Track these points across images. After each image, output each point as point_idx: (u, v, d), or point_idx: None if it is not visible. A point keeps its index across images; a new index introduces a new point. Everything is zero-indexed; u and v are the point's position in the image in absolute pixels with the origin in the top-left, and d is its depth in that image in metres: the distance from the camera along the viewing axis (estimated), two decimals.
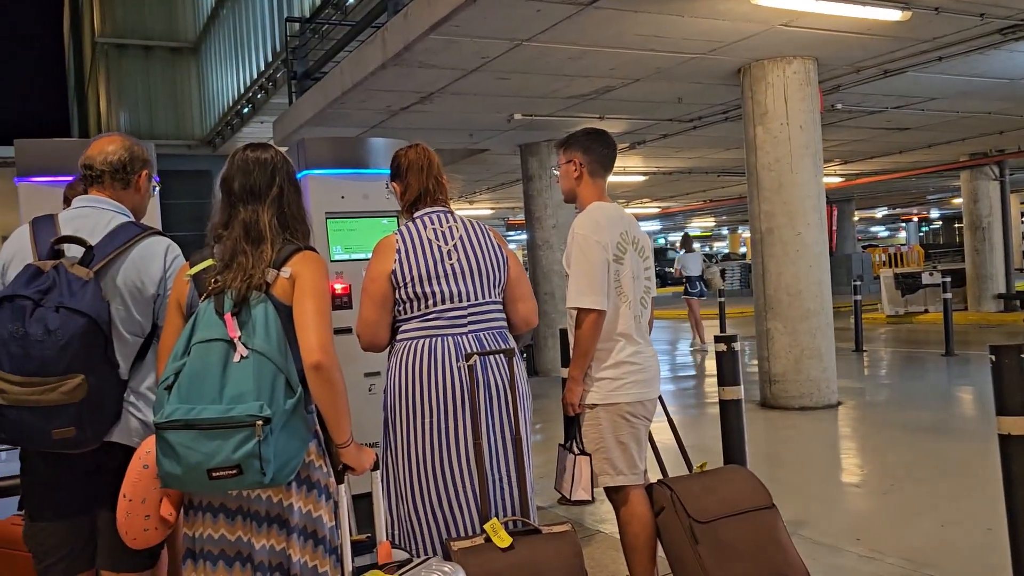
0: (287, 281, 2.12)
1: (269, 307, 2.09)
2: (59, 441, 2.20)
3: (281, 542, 2.10)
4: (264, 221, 2.18)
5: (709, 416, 7.31)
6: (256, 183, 2.22)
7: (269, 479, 1.95)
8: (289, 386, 2.03)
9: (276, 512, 2.09)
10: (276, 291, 2.11)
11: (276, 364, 2.02)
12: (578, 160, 3.17)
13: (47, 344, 2.13)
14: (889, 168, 17.16)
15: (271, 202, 2.21)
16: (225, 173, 2.26)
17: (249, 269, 2.11)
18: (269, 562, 2.09)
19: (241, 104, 15.52)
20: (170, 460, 1.96)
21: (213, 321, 2.07)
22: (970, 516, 4.31)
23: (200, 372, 2.00)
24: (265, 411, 1.94)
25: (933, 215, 43.42)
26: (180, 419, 1.94)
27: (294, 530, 2.09)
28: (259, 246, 2.15)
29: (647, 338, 3.18)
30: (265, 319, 2.07)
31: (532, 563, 2.54)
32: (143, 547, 2.25)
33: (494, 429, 2.76)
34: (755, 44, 7.01)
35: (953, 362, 10.01)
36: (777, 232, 7.55)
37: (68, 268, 2.23)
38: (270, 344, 2.04)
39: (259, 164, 2.24)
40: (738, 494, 3.03)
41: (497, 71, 7.30)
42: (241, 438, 1.92)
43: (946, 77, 8.64)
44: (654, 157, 13.63)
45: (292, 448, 2.03)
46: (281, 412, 1.99)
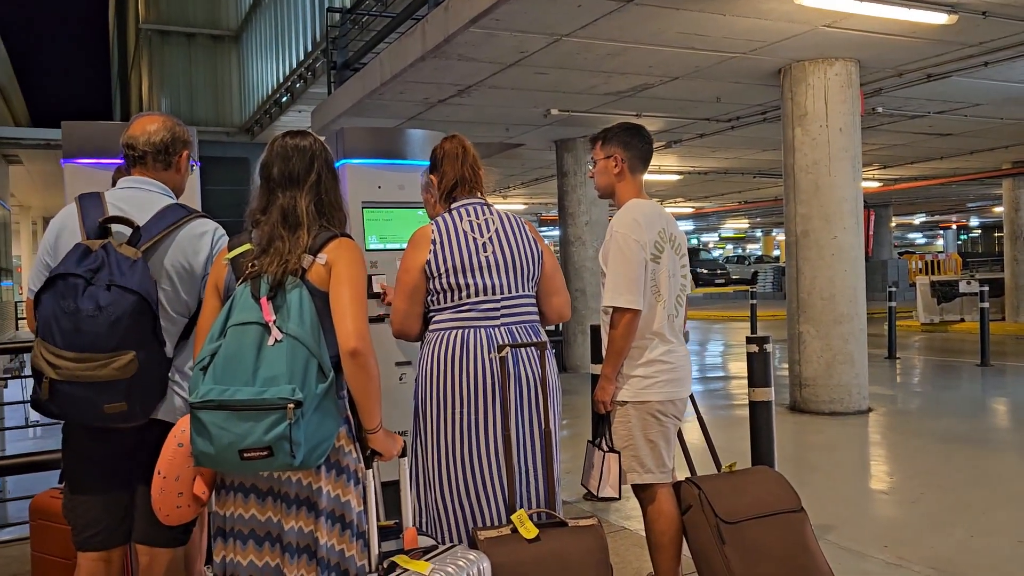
0: (323, 267, 2.15)
1: (304, 292, 2.12)
2: (110, 416, 2.25)
3: (309, 524, 2.13)
4: (302, 207, 2.21)
5: (738, 418, 7.28)
6: (295, 170, 2.25)
7: (299, 462, 1.98)
8: (321, 371, 2.06)
9: (306, 495, 2.13)
10: (312, 277, 2.15)
11: (309, 349, 2.05)
12: (619, 156, 3.14)
13: (99, 320, 2.19)
14: (928, 174, 16.89)
15: (309, 188, 2.24)
16: (264, 159, 2.30)
17: (285, 255, 2.15)
18: (297, 543, 2.13)
19: (280, 93, 15.67)
20: (203, 439, 2.00)
21: (249, 304, 2.11)
22: (1000, 527, 4.26)
23: (235, 354, 2.04)
24: (297, 394, 1.97)
25: (972, 223, 42.63)
26: (214, 399, 1.98)
27: (322, 513, 2.12)
28: (296, 232, 2.19)
29: (680, 337, 3.17)
30: (300, 304, 2.10)
31: (558, 555, 2.56)
32: (176, 523, 2.30)
33: (523, 422, 2.78)
34: (797, 44, 6.94)
35: (988, 372, 9.85)
36: (812, 235, 7.48)
37: (116, 248, 2.28)
38: (304, 329, 2.07)
39: (298, 151, 2.27)
40: (767, 496, 3.02)
41: (535, 66, 7.31)
42: (273, 420, 1.95)
43: (991, 83, 8.49)
44: (690, 156, 13.55)
45: (323, 432, 2.06)
46: (313, 396, 2.02)
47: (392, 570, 2.15)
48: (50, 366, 2.20)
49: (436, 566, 2.19)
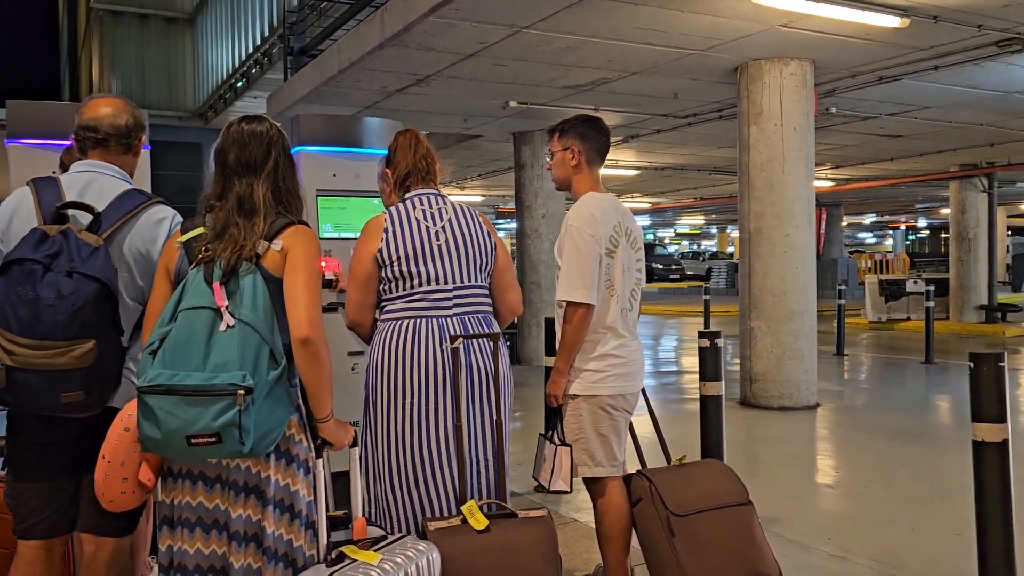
0: (278, 254, 2.13)
1: (258, 278, 2.10)
2: (67, 405, 2.21)
3: (257, 513, 2.11)
4: (259, 194, 2.19)
5: (689, 412, 7.35)
6: (252, 156, 2.23)
7: (248, 449, 1.96)
8: (273, 357, 2.04)
9: (254, 483, 2.10)
10: (266, 263, 2.13)
11: (261, 335, 2.03)
12: (576, 148, 3.13)
13: (59, 308, 2.14)
14: (879, 175, 17.26)
15: (266, 176, 2.23)
16: (220, 145, 2.26)
17: (241, 240, 2.12)
18: (245, 532, 2.10)
19: (235, 78, 15.39)
20: (150, 424, 1.96)
21: (201, 289, 2.08)
22: (941, 520, 4.37)
23: (185, 339, 2.01)
24: (248, 381, 1.95)
25: (920, 224, 43.68)
26: (163, 384, 1.95)
27: (270, 502, 2.09)
28: (252, 218, 2.17)
29: (633, 331, 3.18)
30: (253, 290, 2.08)
31: (507, 546, 2.56)
32: (119, 510, 2.25)
33: (474, 413, 2.77)
34: (754, 43, 7.02)
35: (932, 370, 10.10)
36: (766, 232, 7.59)
37: (77, 234, 2.23)
38: (256, 315, 2.05)
39: (255, 137, 2.25)
40: (716, 489, 3.05)
41: (495, 57, 7.28)
42: (222, 406, 1.93)
43: (941, 87, 8.69)
44: (647, 152, 13.65)
45: (273, 420, 2.04)
46: (264, 383, 2.00)
47: (340, 560, 2.14)
48: (5, 352, 2.14)
49: (385, 556, 2.19)
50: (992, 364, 2.69)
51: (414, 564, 2.21)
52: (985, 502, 2.74)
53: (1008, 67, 7.93)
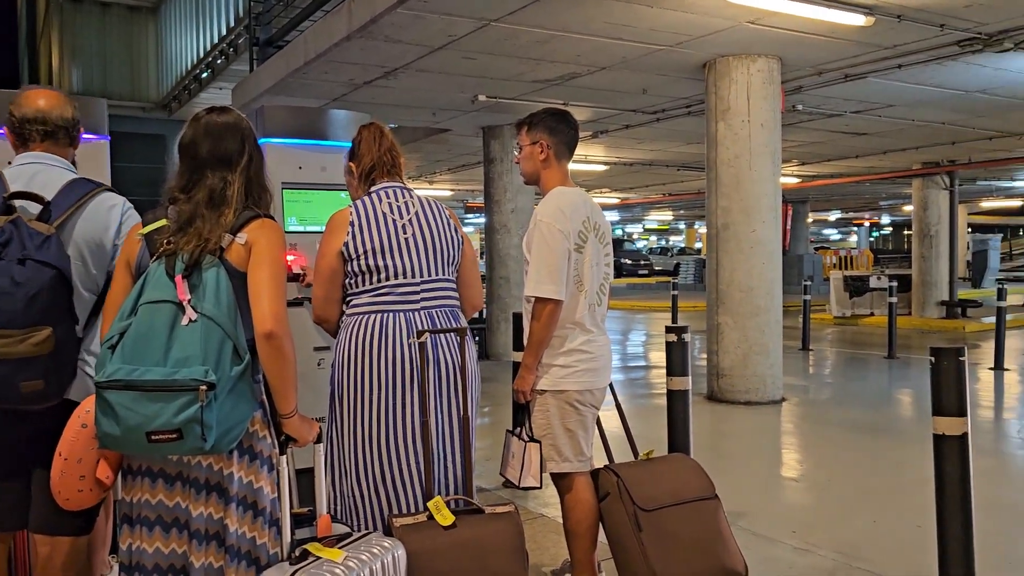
0: (242, 247, 2.10)
1: (221, 272, 2.06)
2: (27, 395, 2.16)
3: (219, 511, 2.07)
4: (232, 189, 2.16)
5: (656, 406, 7.39)
6: (227, 149, 2.19)
7: (210, 446, 1.92)
8: (237, 352, 2.01)
9: (216, 480, 2.07)
10: (230, 256, 2.09)
11: (224, 329, 2.00)
12: (545, 142, 3.10)
13: (15, 296, 2.10)
14: (844, 172, 17.48)
15: (241, 170, 2.19)
16: (190, 136, 2.21)
17: (205, 233, 2.09)
18: (206, 530, 2.06)
19: (200, 68, 15.17)
20: (109, 420, 1.92)
21: (163, 282, 2.04)
22: (902, 513, 4.43)
23: (146, 333, 1.97)
24: (210, 376, 1.91)
25: (884, 221, 44.37)
26: (122, 379, 1.91)
27: (233, 499, 2.06)
28: (220, 211, 2.13)
29: (601, 327, 3.18)
30: (217, 284, 2.04)
31: (473, 542, 2.55)
32: (76, 508, 2.21)
33: (441, 408, 2.75)
34: (722, 40, 7.06)
35: (895, 365, 10.26)
36: (733, 228, 7.64)
37: (27, 223, 2.19)
38: (220, 309, 2.01)
39: (228, 129, 2.21)
40: (683, 483, 3.06)
41: (463, 50, 7.25)
42: (183, 402, 1.89)
43: (904, 85, 8.81)
44: (616, 147, 13.68)
45: (236, 416, 2.00)
46: (227, 378, 1.96)
47: (305, 558, 2.11)
48: None
49: (350, 553, 2.16)
50: (953, 359, 2.72)
51: (379, 561, 2.19)
52: (945, 494, 2.78)
53: (969, 67, 8.06)
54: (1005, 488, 4.99)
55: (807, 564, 3.70)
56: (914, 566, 3.58)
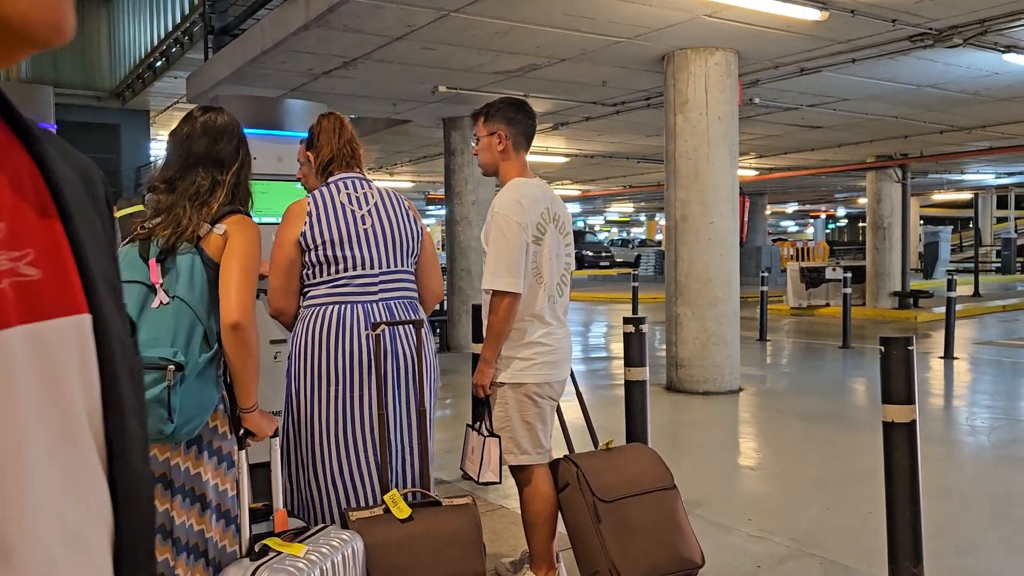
0: (220, 238, 2.11)
1: (197, 259, 2.07)
2: None
3: (165, 503, 2.05)
4: (221, 190, 2.19)
5: (616, 397, 7.44)
6: (222, 152, 2.23)
7: (171, 429, 1.90)
8: (207, 339, 2.01)
9: (161, 471, 2.04)
10: (207, 246, 2.10)
11: (196, 313, 2.00)
12: (503, 132, 3.07)
13: None
14: (801, 164, 17.74)
15: (233, 173, 2.23)
16: (186, 133, 2.23)
17: (184, 222, 2.10)
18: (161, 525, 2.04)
19: (154, 57, 14.88)
20: None
21: (136, 264, 2.04)
22: (854, 500, 4.52)
23: None
24: (179, 357, 1.91)
25: (840, 213, 45.13)
26: None
27: (179, 491, 2.05)
28: (204, 205, 2.15)
29: (561, 319, 3.16)
30: (191, 269, 2.04)
31: (430, 534, 2.54)
32: None
33: (399, 400, 2.74)
34: (679, 33, 7.10)
35: (849, 354, 10.46)
36: (691, 220, 7.71)
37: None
38: (193, 294, 2.01)
39: (226, 133, 2.25)
40: (642, 474, 3.08)
41: (423, 40, 7.20)
42: (149, 380, 1.87)
43: (857, 79, 8.96)
44: (576, 139, 13.72)
45: (199, 404, 1.99)
46: (195, 363, 1.96)
47: (265, 553, 2.08)
48: None
49: (310, 547, 2.15)
50: (901, 348, 2.78)
51: (339, 554, 2.19)
52: (894, 481, 2.84)
53: (920, 61, 8.22)
54: (954, 475, 5.12)
55: (762, 551, 3.76)
56: (865, 552, 3.66)
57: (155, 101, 15.98)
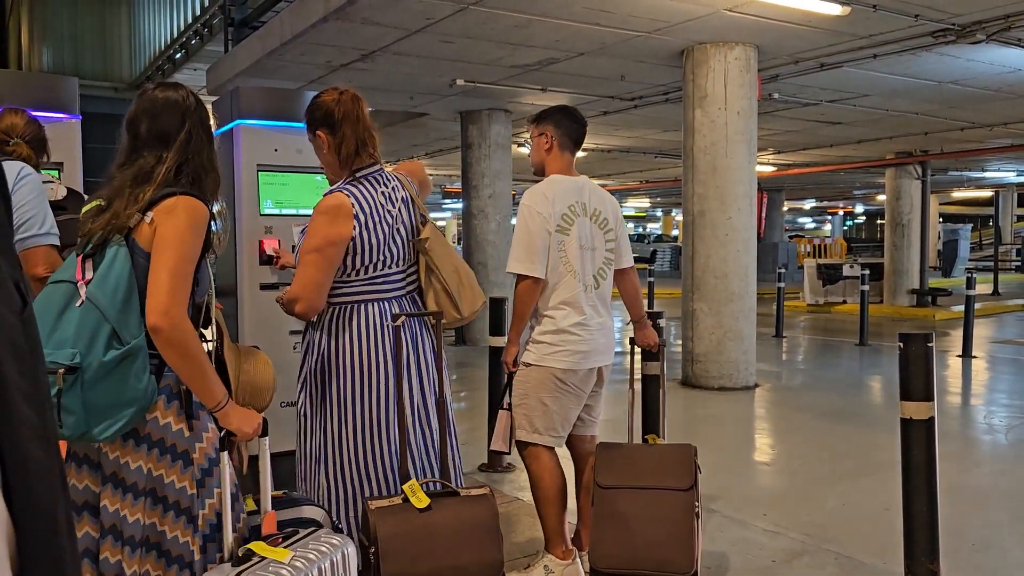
0: (149, 227, 1.98)
1: (122, 252, 1.95)
2: None
3: (115, 502, 1.99)
4: (162, 168, 2.04)
5: (634, 392, 7.45)
6: (164, 127, 2.08)
7: (71, 431, 1.86)
8: (117, 336, 1.90)
9: (112, 470, 1.98)
10: (138, 236, 1.98)
11: (102, 311, 1.89)
12: (550, 133, 3.25)
13: None
14: (819, 161, 17.62)
15: (178, 148, 2.07)
16: (132, 114, 2.12)
17: (121, 213, 1.98)
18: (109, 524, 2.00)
19: (174, 49, 14.96)
20: None
21: (71, 262, 1.98)
22: (870, 496, 4.51)
23: (40, 314, 1.87)
24: (75, 360, 1.84)
25: (858, 210, 44.82)
26: None
27: (130, 489, 1.97)
28: (140, 189, 2.01)
29: (600, 309, 3.24)
30: (111, 264, 1.94)
31: (448, 524, 2.56)
32: None
33: (424, 391, 2.78)
34: (699, 27, 7.08)
35: (866, 352, 10.40)
36: (708, 215, 7.69)
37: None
38: (104, 289, 1.92)
39: (168, 106, 2.10)
40: (657, 471, 3.11)
41: (442, 34, 7.21)
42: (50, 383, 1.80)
43: (878, 75, 8.89)
44: (593, 134, 13.68)
45: (113, 403, 1.89)
46: (99, 363, 1.86)
47: (249, 558, 2.01)
48: None
49: (297, 553, 2.06)
50: (921, 344, 2.77)
51: (327, 560, 2.10)
52: (911, 478, 2.83)
53: (942, 57, 8.15)
54: (971, 473, 5.10)
55: (777, 546, 3.76)
56: (881, 548, 3.65)
57: None
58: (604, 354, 3.25)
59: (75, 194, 2.98)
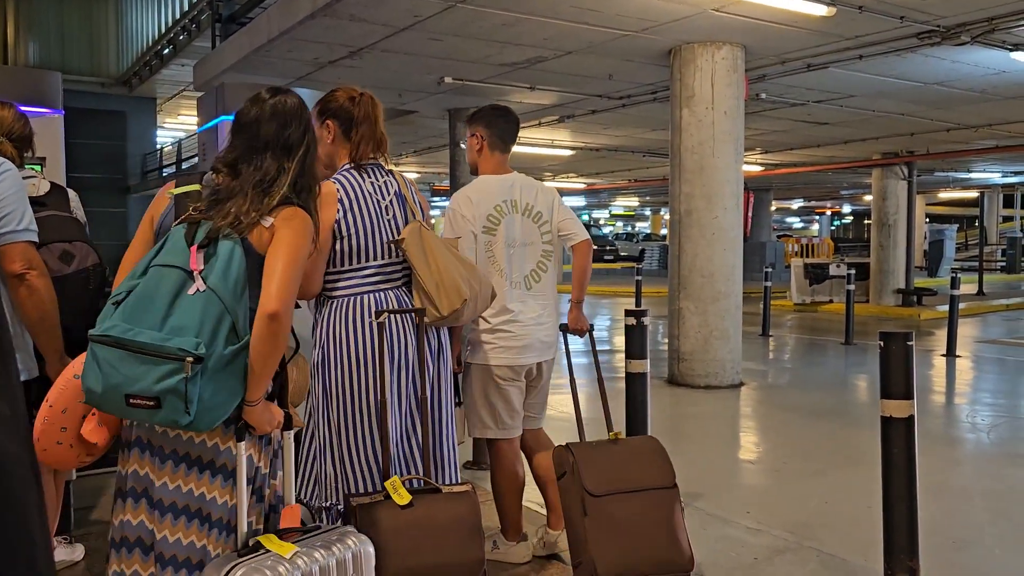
0: (266, 231, 2.05)
1: (238, 248, 2.01)
2: None
3: (201, 486, 2.05)
4: (287, 177, 2.12)
5: (617, 390, 7.46)
6: (290, 137, 2.16)
7: (188, 421, 1.88)
8: (235, 332, 1.96)
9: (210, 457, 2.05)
10: (252, 238, 2.05)
11: (226, 305, 1.95)
12: (480, 134, 3.31)
13: None
14: (806, 161, 17.71)
15: (298, 159, 2.16)
16: (254, 116, 2.17)
17: (242, 216, 2.05)
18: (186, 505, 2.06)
19: (161, 44, 14.90)
20: (94, 375, 1.90)
21: (179, 248, 2.01)
22: (852, 493, 4.54)
23: (150, 295, 1.94)
24: (200, 349, 1.87)
25: (845, 210, 45.06)
26: (113, 336, 1.88)
27: (220, 472, 2.05)
28: (268, 195, 2.09)
29: (534, 305, 3.28)
30: (229, 258, 1.99)
31: (430, 521, 2.56)
32: (54, 462, 2.17)
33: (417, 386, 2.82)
34: (687, 26, 7.10)
35: (851, 351, 10.46)
36: (695, 214, 7.72)
37: None
38: (225, 284, 1.96)
39: (295, 116, 2.18)
40: (641, 471, 3.09)
41: (429, 31, 7.20)
42: (167, 370, 1.85)
43: (864, 76, 8.94)
44: (582, 132, 13.71)
45: (222, 398, 1.95)
46: (219, 355, 1.91)
47: (256, 550, 2.02)
48: None
49: (302, 549, 2.04)
50: (901, 343, 2.79)
51: (332, 560, 2.08)
52: (891, 475, 2.86)
53: (927, 59, 8.20)
54: (953, 472, 5.14)
55: (760, 543, 3.78)
56: (862, 545, 3.68)
57: (162, 89, 15.99)
58: (542, 351, 3.31)
59: (58, 189, 2.96)
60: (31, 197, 2.74)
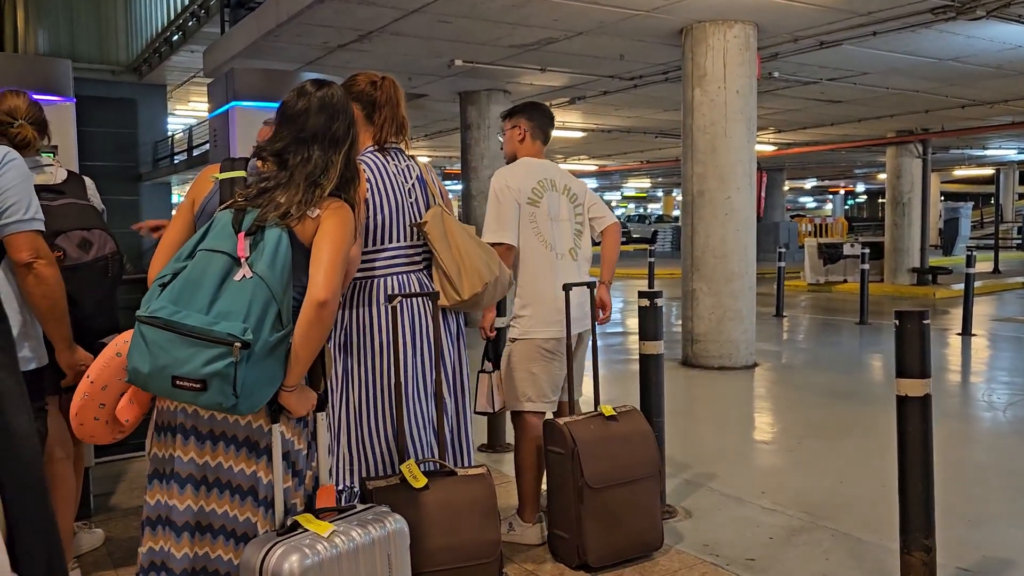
0: (312, 221, 2.08)
1: (284, 237, 2.04)
2: None
3: (252, 465, 2.08)
4: (335, 172, 2.15)
5: (632, 371, 7.47)
6: (337, 130, 2.19)
7: (232, 403, 1.91)
8: (280, 319, 1.98)
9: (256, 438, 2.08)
10: (298, 229, 2.08)
11: (273, 292, 1.97)
12: (523, 125, 3.50)
13: None
14: (820, 139, 17.56)
15: (344, 153, 2.19)
16: (302, 108, 2.18)
17: (292, 208, 2.07)
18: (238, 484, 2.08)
19: (171, 31, 14.88)
20: (141, 356, 1.92)
21: (227, 233, 2.03)
22: (867, 473, 4.53)
23: (197, 279, 1.97)
24: (248, 335, 1.89)
25: (859, 189, 44.69)
26: (162, 318, 1.90)
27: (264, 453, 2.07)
28: (317, 187, 2.12)
29: (575, 278, 3.38)
30: (276, 247, 2.02)
31: (446, 503, 2.58)
32: (88, 438, 2.20)
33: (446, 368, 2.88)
34: (698, 5, 7.03)
35: (866, 330, 10.41)
36: (708, 195, 7.68)
37: None
38: (273, 272, 1.99)
39: (341, 111, 2.21)
40: (633, 458, 3.19)
41: (439, 13, 7.16)
42: (215, 354, 1.87)
43: (878, 53, 8.84)
44: (593, 114, 13.64)
45: (264, 382, 1.97)
46: (265, 342, 1.94)
47: (294, 529, 2.04)
48: None
49: (339, 528, 2.06)
50: (916, 322, 2.77)
51: (368, 538, 2.09)
52: (907, 454, 2.84)
53: (942, 34, 8.10)
54: (969, 450, 5.12)
55: (775, 523, 3.79)
56: (877, 524, 3.68)
57: (172, 75, 15.97)
58: (581, 321, 3.41)
59: (75, 177, 2.97)
60: (49, 185, 2.76)
